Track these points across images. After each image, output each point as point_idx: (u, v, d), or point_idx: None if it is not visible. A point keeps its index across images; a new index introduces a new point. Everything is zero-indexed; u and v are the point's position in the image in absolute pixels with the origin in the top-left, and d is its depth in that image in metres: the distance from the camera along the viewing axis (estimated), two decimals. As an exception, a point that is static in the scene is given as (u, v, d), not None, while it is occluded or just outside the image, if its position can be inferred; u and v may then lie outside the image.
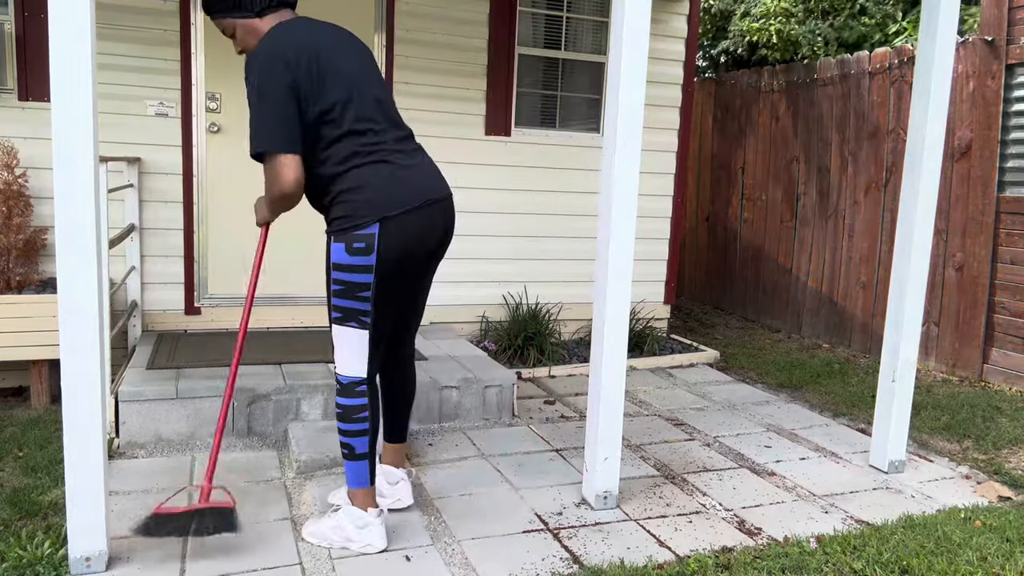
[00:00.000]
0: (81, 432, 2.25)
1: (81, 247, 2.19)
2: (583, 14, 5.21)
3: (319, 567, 2.43)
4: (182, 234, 4.45)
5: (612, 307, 2.81)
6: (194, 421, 3.42)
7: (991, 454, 3.66)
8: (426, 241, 2.47)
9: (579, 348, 5.21)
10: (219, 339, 4.26)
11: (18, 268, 3.88)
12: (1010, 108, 4.72)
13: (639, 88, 2.71)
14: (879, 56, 5.51)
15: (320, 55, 2.35)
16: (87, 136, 2.15)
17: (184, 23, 4.29)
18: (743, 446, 3.69)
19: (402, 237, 2.39)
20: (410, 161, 2.47)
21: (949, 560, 2.58)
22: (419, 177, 2.46)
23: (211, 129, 4.44)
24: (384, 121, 2.44)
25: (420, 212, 2.42)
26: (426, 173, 2.49)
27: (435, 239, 2.50)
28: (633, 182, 2.76)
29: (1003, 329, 4.79)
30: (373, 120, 2.41)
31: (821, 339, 6.03)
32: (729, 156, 7.12)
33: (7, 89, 4.01)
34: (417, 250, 2.44)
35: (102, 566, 2.34)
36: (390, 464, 2.88)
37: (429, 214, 2.45)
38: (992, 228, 4.80)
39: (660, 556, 2.59)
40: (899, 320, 3.32)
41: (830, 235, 5.96)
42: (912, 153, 3.25)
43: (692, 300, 7.62)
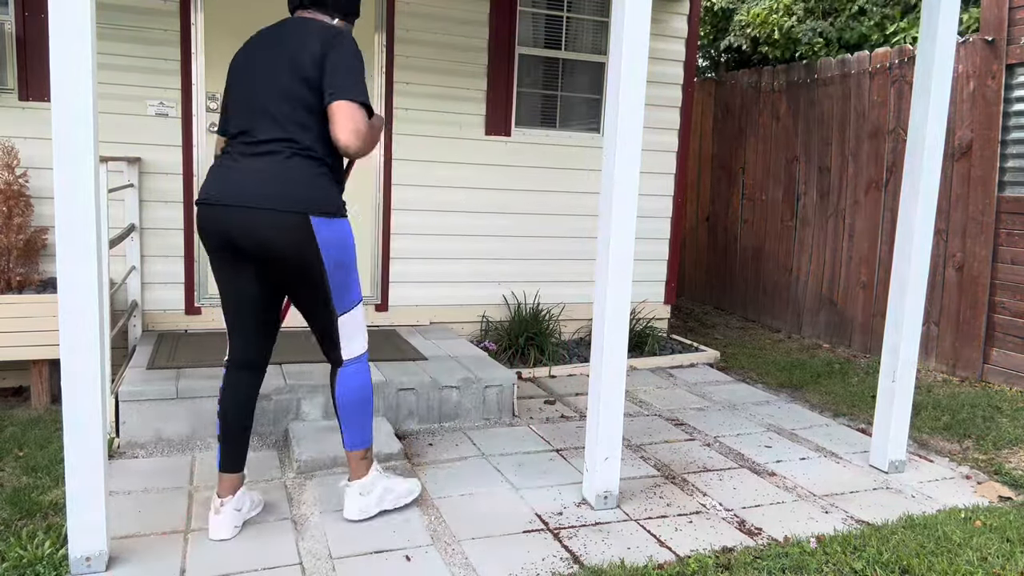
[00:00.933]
0: (81, 432, 2.25)
1: (81, 247, 2.19)
2: (583, 14, 5.21)
3: (319, 567, 2.43)
4: (182, 234, 4.45)
5: (612, 307, 2.81)
6: (194, 421, 3.41)
7: (991, 454, 3.66)
8: (207, 237, 2.52)
9: (579, 348, 5.21)
10: (219, 339, 4.26)
11: (18, 268, 3.88)
12: (1010, 108, 4.72)
13: (639, 88, 2.71)
14: (879, 56, 5.51)
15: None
16: (87, 136, 2.15)
17: (184, 23, 4.29)
18: (743, 446, 3.69)
19: (199, 223, 2.54)
20: (224, 162, 2.54)
21: (949, 560, 2.58)
22: (216, 175, 2.52)
23: (211, 129, 4.44)
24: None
25: (200, 208, 2.52)
26: (220, 174, 2.51)
27: (214, 239, 2.51)
28: (633, 182, 2.76)
29: (1003, 329, 4.78)
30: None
31: (821, 339, 6.03)
32: (729, 156, 7.11)
33: (7, 89, 4.01)
34: (205, 241, 2.54)
35: (102, 566, 2.34)
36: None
37: (205, 212, 2.51)
38: (992, 228, 4.80)
39: (660, 556, 2.59)
40: (899, 320, 3.32)
41: (830, 235, 5.95)
42: (912, 153, 3.25)
43: (692, 300, 7.62)
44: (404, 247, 4.91)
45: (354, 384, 2.65)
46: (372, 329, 4.76)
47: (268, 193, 2.41)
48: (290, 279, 2.51)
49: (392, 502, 2.79)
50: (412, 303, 4.99)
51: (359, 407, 2.67)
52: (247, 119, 2.50)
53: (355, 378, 2.66)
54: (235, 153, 2.51)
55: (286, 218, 2.41)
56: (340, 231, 2.51)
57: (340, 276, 2.55)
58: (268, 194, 2.41)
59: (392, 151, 4.80)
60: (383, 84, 4.72)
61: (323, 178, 2.49)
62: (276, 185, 2.42)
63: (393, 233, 4.87)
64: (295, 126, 2.45)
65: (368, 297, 4.90)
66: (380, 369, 3.86)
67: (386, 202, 4.83)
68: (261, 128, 2.47)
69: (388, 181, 4.81)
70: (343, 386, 2.65)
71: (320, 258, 2.48)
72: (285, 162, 2.44)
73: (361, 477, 2.73)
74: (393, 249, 4.89)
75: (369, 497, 2.74)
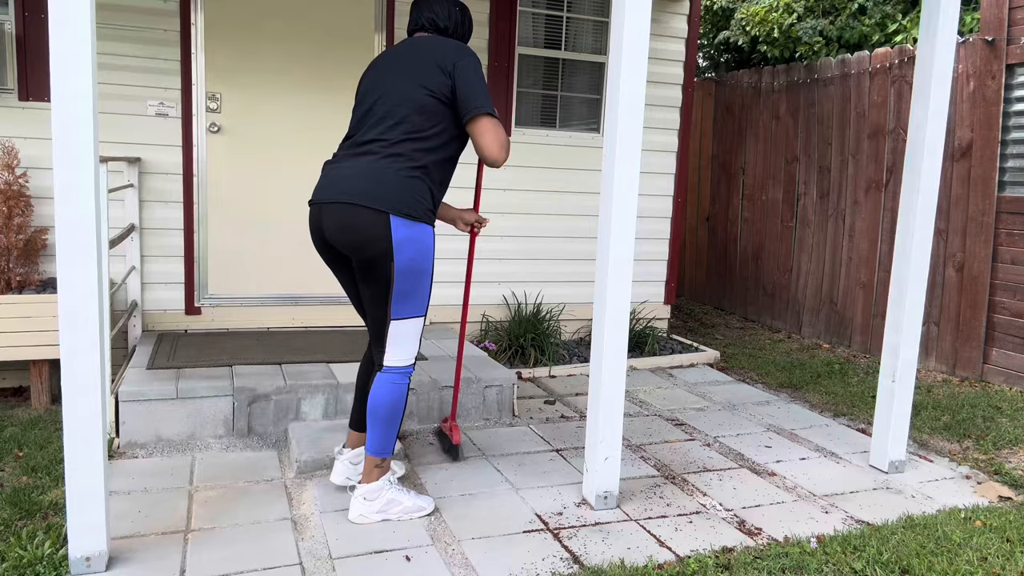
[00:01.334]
0: (81, 432, 2.25)
1: (81, 247, 2.19)
2: (583, 14, 5.21)
3: (319, 567, 2.43)
4: (182, 234, 4.45)
5: (612, 307, 2.81)
6: (194, 421, 3.42)
7: (991, 454, 3.66)
8: (312, 238, 2.73)
9: (579, 348, 5.21)
10: (219, 339, 4.26)
11: (18, 268, 3.88)
12: (1010, 108, 4.72)
13: (639, 88, 2.71)
14: (880, 56, 5.51)
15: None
16: (87, 136, 2.15)
17: (184, 23, 4.29)
18: (743, 446, 3.69)
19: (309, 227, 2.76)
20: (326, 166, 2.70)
21: (949, 560, 2.58)
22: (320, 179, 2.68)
23: (211, 129, 4.44)
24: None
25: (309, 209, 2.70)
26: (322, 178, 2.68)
27: (315, 239, 2.71)
28: (633, 182, 2.76)
29: (1003, 329, 4.78)
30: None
31: (821, 339, 6.03)
32: (729, 156, 7.11)
33: (7, 89, 4.01)
34: (312, 240, 2.77)
35: (102, 566, 2.34)
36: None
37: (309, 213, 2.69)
38: (992, 228, 4.80)
39: (660, 556, 2.59)
40: (899, 320, 3.32)
41: (830, 235, 5.95)
42: (912, 153, 3.25)
43: (692, 300, 7.62)
44: (404, 247, 4.91)
45: (386, 394, 2.67)
46: (372, 329, 4.76)
47: (355, 189, 2.52)
48: (362, 272, 2.61)
49: (397, 514, 2.76)
50: (412, 303, 4.99)
51: (386, 417, 2.68)
52: (358, 123, 2.67)
53: (390, 389, 2.67)
54: (339, 155, 2.68)
55: (367, 213, 2.50)
56: (419, 236, 2.55)
57: (405, 282, 2.57)
58: (355, 190, 2.52)
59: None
60: (383, 84, 4.71)
61: (415, 182, 2.55)
62: (364, 182, 2.53)
63: (393, 233, 4.87)
64: (400, 132, 2.57)
65: (368, 297, 4.90)
66: (380, 369, 3.86)
67: (386, 202, 4.82)
68: (366, 131, 2.61)
69: (388, 181, 4.81)
70: (376, 391, 2.68)
71: (391, 257, 2.53)
72: (378, 162, 2.55)
73: (370, 482, 2.74)
74: (393, 249, 4.88)
75: (372, 504, 2.74)
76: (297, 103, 4.58)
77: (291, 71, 4.55)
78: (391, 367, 2.67)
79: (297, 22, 4.52)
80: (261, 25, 4.46)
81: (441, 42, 2.64)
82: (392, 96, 2.58)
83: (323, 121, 4.65)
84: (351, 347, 4.23)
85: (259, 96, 4.51)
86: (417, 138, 2.56)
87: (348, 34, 4.63)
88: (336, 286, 4.82)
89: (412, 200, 2.54)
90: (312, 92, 4.60)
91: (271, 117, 4.55)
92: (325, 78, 4.61)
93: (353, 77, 4.66)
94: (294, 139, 4.61)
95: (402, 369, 2.69)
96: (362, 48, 4.67)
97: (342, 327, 4.79)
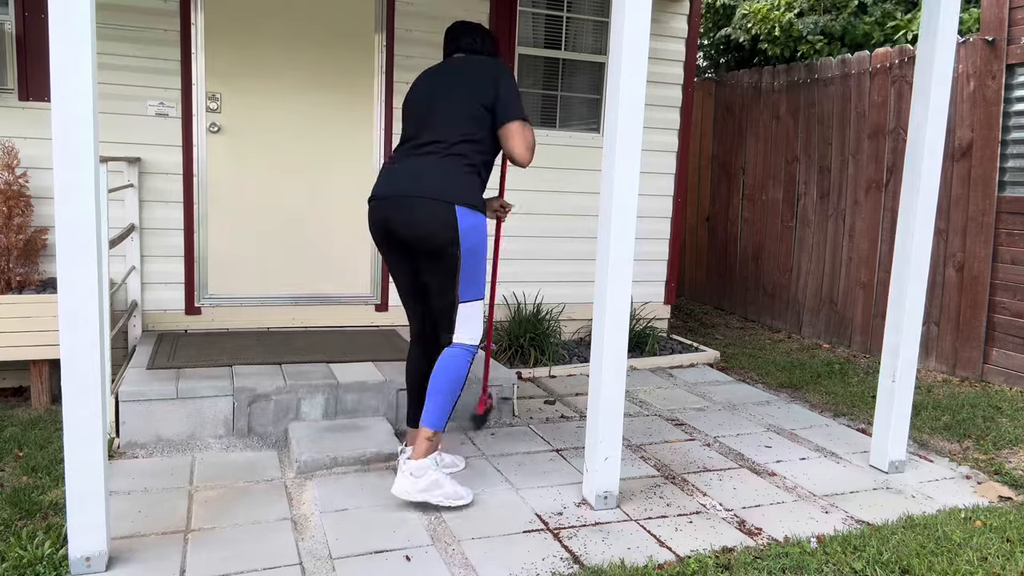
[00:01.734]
0: (81, 432, 2.25)
1: (81, 247, 2.19)
2: (583, 14, 5.21)
3: (319, 567, 2.43)
4: (182, 234, 4.45)
5: (612, 307, 2.81)
6: (194, 421, 3.41)
7: (991, 454, 3.66)
8: (374, 232, 2.97)
9: (579, 348, 5.21)
10: (219, 339, 4.26)
11: (18, 268, 3.88)
12: (1010, 108, 4.72)
13: (639, 88, 2.71)
14: (880, 56, 5.50)
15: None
16: (87, 136, 2.15)
17: (184, 23, 4.29)
18: (743, 446, 3.69)
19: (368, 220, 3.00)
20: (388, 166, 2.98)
21: (949, 560, 2.58)
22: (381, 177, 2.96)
23: (211, 129, 4.44)
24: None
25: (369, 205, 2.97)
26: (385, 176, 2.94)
27: (379, 232, 2.95)
28: (633, 182, 2.76)
29: (1004, 329, 4.78)
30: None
31: (821, 339, 6.03)
32: (729, 156, 7.11)
33: (7, 89, 4.01)
34: (372, 235, 2.99)
35: (102, 566, 2.34)
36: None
37: (371, 208, 2.96)
38: (992, 228, 4.80)
39: (660, 556, 2.59)
40: (899, 320, 3.32)
41: (831, 235, 5.95)
42: (912, 153, 3.24)
43: (692, 300, 7.62)
44: (404, 247, 4.91)
45: (450, 366, 2.88)
46: (372, 329, 4.77)
47: (423, 184, 2.81)
48: (430, 262, 2.87)
49: (439, 498, 2.84)
50: (412, 303, 4.99)
51: (447, 389, 2.88)
52: (417, 128, 2.95)
53: (454, 362, 2.89)
54: (401, 156, 2.95)
55: (436, 205, 2.79)
56: (480, 224, 2.87)
57: (471, 264, 2.86)
58: (423, 185, 2.81)
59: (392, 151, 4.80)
60: (383, 84, 4.72)
61: (471, 177, 2.87)
62: (430, 178, 2.82)
63: (393, 233, 4.87)
64: (456, 134, 2.87)
65: (368, 297, 4.91)
66: (380, 369, 3.86)
67: (386, 202, 4.82)
68: (426, 134, 2.91)
69: (388, 181, 4.81)
70: (441, 362, 2.89)
71: (459, 243, 2.81)
72: (440, 160, 2.86)
73: (418, 458, 2.85)
74: (393, 249, 4.88)
75: (417, 482, 2.84)
76: (297, 103, 4.58)
77: (291, 71, 4.55)
78: (460, 343, 2.92)
79: (297, 22, 4.52)
80: (261, 25, 4.46)
81: (484, 60, 3.02)
82: (448, 105, 2.90)
83: (323, 121, 4.65)
84: (351, 347, 4.23)
85: (259, 96, 4.51)
86: (471, 140, 2.88)
87: (348, 34, 4.63)
88: (336, 286, 4.82)
89: (472, 192, 2.86)
90: (312, 92, 4.60)
91: (271, 117, 4.55)
92: (325, 78, 4.61)
93: (353, 77, 4.66)
94: (294, 139, 4.61)
95: (469, 347, 2.93)
96: (362, 48, 4.67)
97: (342, 327, 4.79)
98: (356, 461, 3.21)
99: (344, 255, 4.82)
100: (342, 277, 4.84)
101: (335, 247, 4.79)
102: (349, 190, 4.76)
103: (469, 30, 3.12)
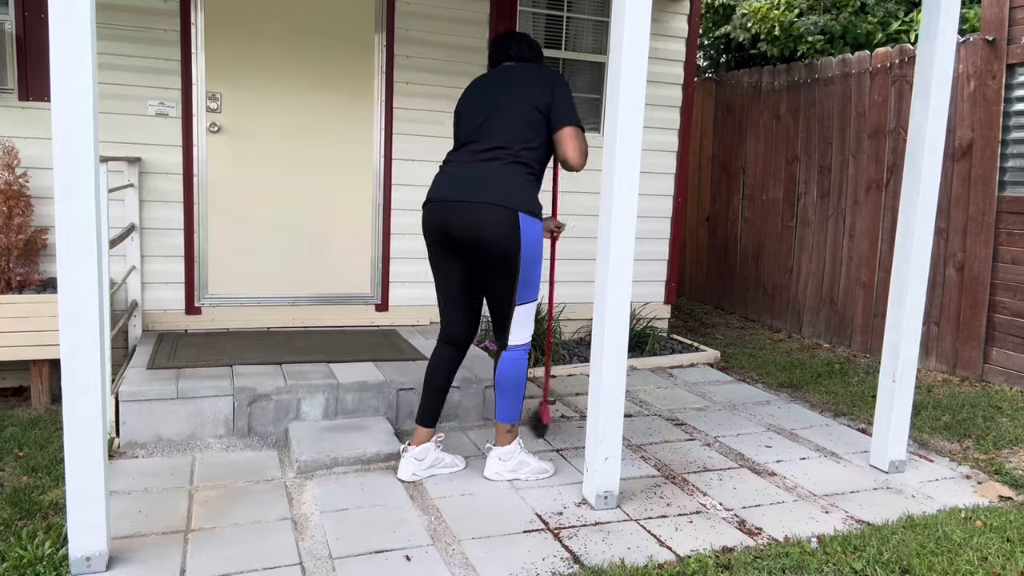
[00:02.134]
0: (81, 432, 2.25)
1: (81, 247, 2.19)
2: (583, 14, 5.21)
3: (319, 567, 2.43)
4: (182, 234, 4.45)
5: (612, 307, 2.81)
6: (194, 421, 3.41)
7: (992, 454, 3.66)
8: (430, 233, 3.03)
9: (579, 348, 5.21)
10: (220, 339, 4.26)
11: (18, 268, 3.88)
12: (1011, 108, 4.72)
13: (639, 88, 2.71)
14: (880, 56, 5.50)
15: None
16: (87, 136, 2.15)
17: (184, 23, 4.29)
18: (743, 446, 3.69)
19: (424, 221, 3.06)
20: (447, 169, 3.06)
21: (950, 560, 2.58)
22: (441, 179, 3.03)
23: (211, 129, 4.44)
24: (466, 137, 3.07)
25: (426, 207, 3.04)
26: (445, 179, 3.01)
27: (435, 234, 3.01)
28: (633, 182, 2.76)
29: (1004, 329, 4.78)
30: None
31: (821, 339, 6.03)
32: (730, 156, 7.11)
33: (7, 89, 4.01)
34: (427, 236, 3.06)
35: (102, 566, 2.34)
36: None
37: (430, 209, 3.02)
38: (992, 228, 4.80)
39: (661, 556, 2.59)
40: (899, 320, 3.32)
41: (831, 235, 5.95)
42: (913, 153, 3.24)
43: (692, 300, 7.62)
44: (404, 247, 4.91)
45: (512, 368, 3.06)
46: (372, 329, 4.77)
47: (488, 191, 2.89)
48: (490, 266, 2.95)
49: (527, 475, 3.15)
50: (412, 303, 4.99)
51: (512, 389, 3.08)
52: (476, 133, 3.01)
53: (515, 365, 3.06)
54: (461, 160, 3.02)
55: (500, 211, 2.86)
56: (537, 230, 2.95)
57: (529, 270, 2.97)
58: (488, 191, 2.88)
59: (392, 151, 4.80)
60: (383, 84, 4.72)
61: (531, 184, 2.96)
62: (495, 184, 2.90)
63: (393, 233, 4.87)
64: (517, 140, 2.95)
65: (368, 296, 4.91)
66: (380, 369, 3.86)
67: (386, 202, 4.83)
68: (488, 139, 2.98)
69: (388, 181, 4.82)
70: (502, 368, 3.07)
71: (519, 249, 2.90)
72: (505, 167, 2.93)
73: (503, 445, 3.13)
74: (393, 249, 4.89)
75: (506, 464, 3.13)
76: (297, 103, 4.58)
77: (291, 71, 4.55)
78: (514, 346, 3.06)
79: (297, 22, 4.52)
80: (261, 25, 4.46)
81: (539, 67, 3.11)
82: (507, 112, 2.97)
83: (324, 120, 4.65)
84: (351, 347, 4.23)
85: (259, 96, 4.51)
86: (530, 148, 2.97)
87: (349, 34, 4.63)
88: (336, 286, 4.82)
89: (534, 200, 2.95)
90: (312, 92, 4.60)
91: (271, 117, 4.55)
92: (325, 78, 4.61)
93: (354, 77, 4.66)
94: (295, 138, 4.61)
95: (523, 346, 3.07)
96: (362, 48, 4.67)
97: (342, 327, 4.79)
98: (356, 461, 3.22)
99: (344, 255, 4.82)
100: (342, 277, 4.84)
101: (335, 247, 4.79)
102: (349, 190, 4.76)
103: (518, 39, 3.20)
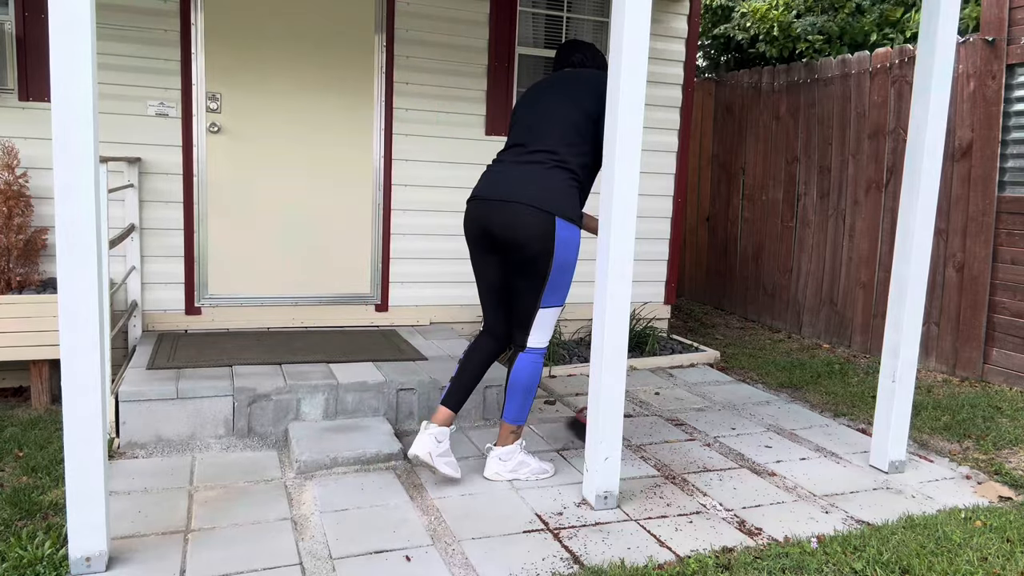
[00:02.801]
0: (81, 432, 2.25)
1: (81, 247, 2.19)
2: (583, 14, 5.21)
3: (319, 567, 2.43)
4: (182, 234, 4.45)
5: (612, 307, 2.81)
6: (194, 421, 3.41)
7: (991, 454, 3.66)
8: (470, 229, 3.07)
9: (579, 348, 5.21)
10: (219, 339, 4.26)
11: (18, 268, 3.89)
12: (1011, 108, 4.72)
13: (639, 88, 2.71)
14: (880, 56, 5.50)
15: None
16: (87, 136, 2.15)
17: (184, 23, 4.29)
18: (743, 446, 3.69)
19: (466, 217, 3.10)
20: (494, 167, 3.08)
21: (949, 560, 2.58)
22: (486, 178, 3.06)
23: (211, 129, 4.44)
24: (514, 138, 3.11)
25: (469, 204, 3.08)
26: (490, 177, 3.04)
27: (475, 230, 3.04)
28: (633, 182, 2.76)
29: (1004, 329, 4.78)
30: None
31: (821, 339, 6.03)
32: (729, 156, 7.11)
33: (7, 89, 4.01)
34: (467, 232, 3.10)
35: (102, 566, 2.34)
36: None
37: (472, 206, 3.06)
38: (992, 228, 4.80)
39: (660, 556, 2.59)
40: (899, 320, 3.32)
41: (830, 235, 5.95)
42: (912, 153, 3.24)
43: (692, 300, 7.62)
44: (404, 247, 4.91)
45: (527, 370, 3.09)
46: (372, 329, 4.77)
47: (527, 192, 2.90)
48: (521, 265, 2.96)
49: (527, 475, 3.16)
50: (412, 303, 4.99)
51: (524, 390, 3.10)
52: (524, 135, 3.04)
53: (529, 366, 3.09)
54: (507, 161, 3.04)
55: (539, 214, 2.88)
56: (574, 236, 2.95)
57: (559, 275, 2.98)
58: (529, 193, 2.90)
59: (392, 151, 4.80)
60: (383, 84, 4.72)
61: (573, 189, 2.96)
62: (536, 187, 2.91)
63: (393, 233, 4.87)
64: (563, 145, 2.96)
65: (368, 296, 4.91)
66: (380, 369, 3.86)
67: (386, 202, 4.83)
68: (534, 142, 3.00)
69: (388, 181, 4.82)
70: (518, 368, 3.09)
71: (552, 254, 2.92)
72: (547, 170, 2.94)
73: (505, 445, 3.14)
74: (393, 249, 4.89)
75: (506, 464, 3.13)
76: (297, 103, 4.58)
77: (291, 71, 4.55)
78: (532, 348, 3.09)
79: (297, 22, 4.53)
80: (261, 25, 4.46)
81: (594, 73, 3.12)
82: (557, 116, 2.99)
83: (323, 120, 4.65)
84: (351, 347, 4.23)
85: (259, 96, 4.51)
86: (577, 153, 2.97)
87: (348, 35, 4.63)
88: (335, 287, 4.82)
89: (573, 205, 2.94)
90: (313, 92, 4.60)
91: (271, 117, 4.55)
92: (326, 78, 4.61)
93: (354, 77, 4.66)
94: (294, 138, 4.61)
95: (540, 349, 3.10)
96: (362, 48, 4.67)
97: (342, 327, 4.79)
98: (356, 461, 3.22)
99: (344, 255, 4.82)
100: (342, 277, 4.84)
101: (335, 247, 4.79)
102: (349, 190, 4.77)
103: (580, 47, 3.24)
